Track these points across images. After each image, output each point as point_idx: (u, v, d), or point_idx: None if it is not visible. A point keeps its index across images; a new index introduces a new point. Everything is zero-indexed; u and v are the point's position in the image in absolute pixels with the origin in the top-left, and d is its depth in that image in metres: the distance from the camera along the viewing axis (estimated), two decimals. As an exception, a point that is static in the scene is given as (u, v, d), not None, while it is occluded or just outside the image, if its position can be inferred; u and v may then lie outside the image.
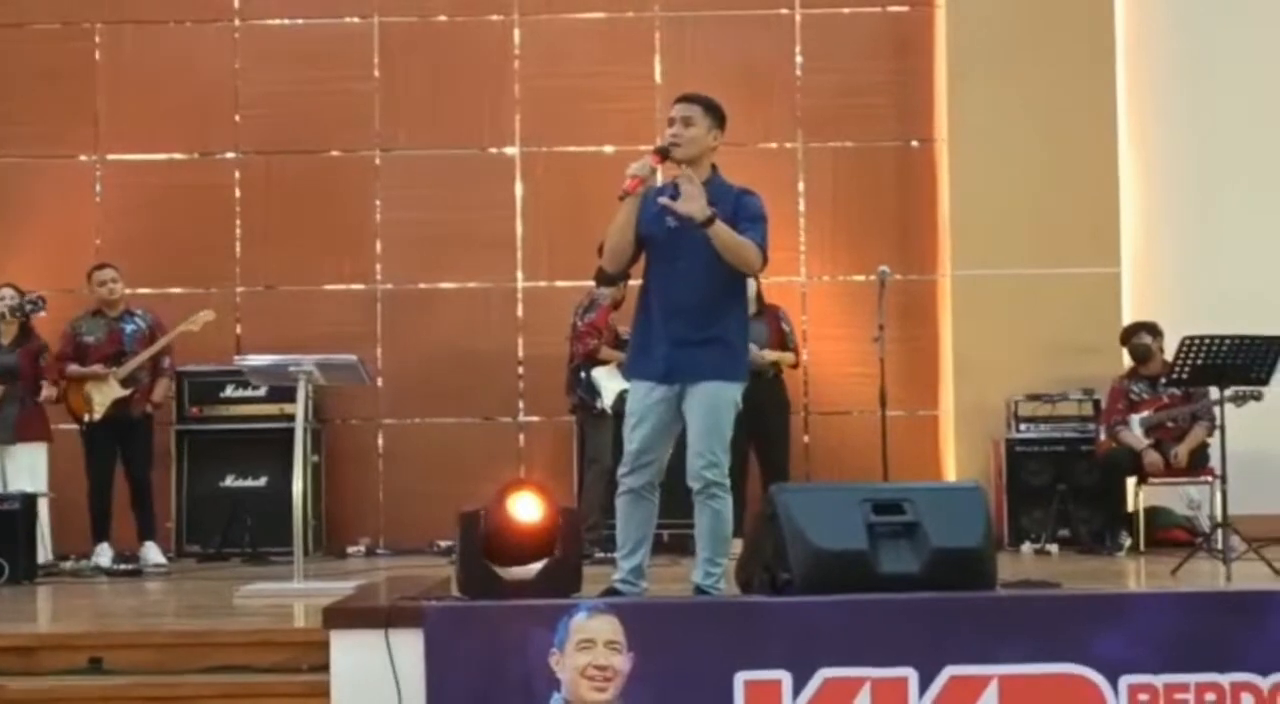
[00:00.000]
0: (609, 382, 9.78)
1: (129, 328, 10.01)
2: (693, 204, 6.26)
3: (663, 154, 6.42)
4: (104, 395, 9.81)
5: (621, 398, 9.64)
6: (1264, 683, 5.65)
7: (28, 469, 9.78)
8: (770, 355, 9.99)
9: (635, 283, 6.87)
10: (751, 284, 10.05)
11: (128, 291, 10.17)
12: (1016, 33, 10.96)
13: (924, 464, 10.88)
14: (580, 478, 10.12)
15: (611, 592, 6.38)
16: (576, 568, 6.13)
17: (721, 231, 6.30)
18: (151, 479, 10.06)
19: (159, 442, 10.34)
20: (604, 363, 9.88)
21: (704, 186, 6.36)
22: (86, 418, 9.84)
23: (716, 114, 6.56)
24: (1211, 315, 9.64)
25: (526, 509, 6.02)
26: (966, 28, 11.04)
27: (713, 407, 6.41)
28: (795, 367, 10.32)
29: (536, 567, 5.91)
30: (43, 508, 9.61)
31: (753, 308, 10.07)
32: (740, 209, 6.47)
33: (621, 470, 6.53)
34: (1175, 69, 11.16)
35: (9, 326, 9.89)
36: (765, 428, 9.95)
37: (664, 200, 6.35)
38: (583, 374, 10.01)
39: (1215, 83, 11.08)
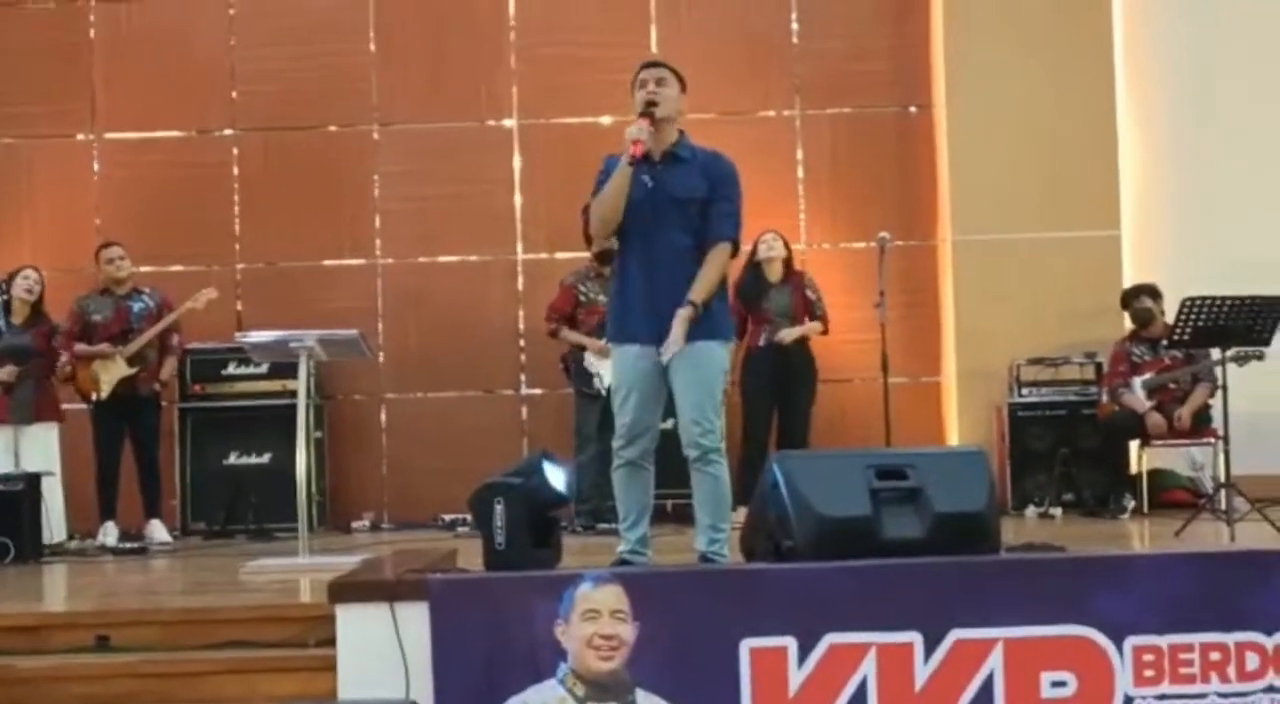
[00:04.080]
0: (602, 364, 9.82)
1: (136, 306, 10.03)
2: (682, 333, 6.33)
3: (649, 116, 6.44)
4: (111, 374, 9.83)
5: None
6: (1269, 642, 5.64)
7: (41, 449, 9.82)
8: (791, 334, 10.02)
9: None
10: (775, 246, 10.13)
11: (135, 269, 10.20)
12: (1013, -4, 10.95)
13: (927, 430, 10.89)
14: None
15: (622, 562, 6.41)
16: (559, 540, 6.20)
17: (703, 296, 6.36)
18: (159, 457, 10.09)
19: (163, 420, 10.35)
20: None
21: (675, 148, 6.50)
22: (94, 396, 9.86)
23: (682, 80, 6.62)
24: (1211, 276, 9.64)
25: (559, 479, 6.04)
26: (963, -8, 11.03)
27: (701, 370, 6.40)
28: (824, 333, 10.28)
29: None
30: (55, 488, 9.65)
31: (778, 274, 10.14)
32: (717, 181, 6.50)
33: (617, 443, 6.53)
34: (1174, 30, 11.13)
35: (21, 307, 9.93)
36: (787, 398, 10.02)
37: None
38: (571, 361, 10.13)
39: (1214, 44, 11.05)
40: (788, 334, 10.05)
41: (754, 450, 9.90)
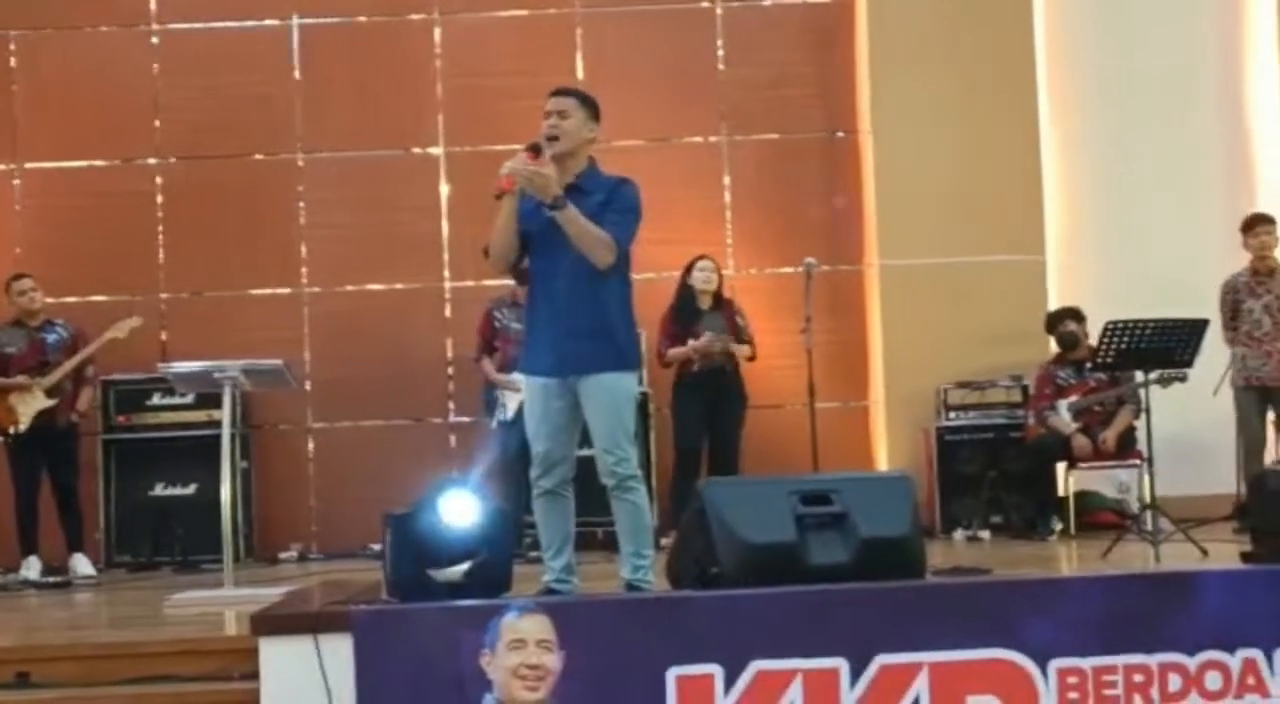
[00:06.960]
0: (508, 397, 9.84)
1: (51, 337, 9.95)
2: (547, 184, 6.23)
3: (535, 150, 6.38)
4: (29, 406, 9.73)
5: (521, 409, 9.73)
6: (1191, 662, 5.70)
7: None
8: (742, 350, 10.08)
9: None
10: (712, 279, 10.15)
11: (50, 300, 10.11)
12: (938, 22, 11.03)
13: (855, 455, 10.91)
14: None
15: (549, 591, 6.39)
16: (507, 567, 6.13)
17: (571, 219, 6.27)
18: (79, 489, 9.99)
19: (86, 451, 10.26)
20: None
21: (579, 180, 6.44)
22: (12, 430, 9.75)
23: (591, 107, 6.58)
24: (1134, 300, 9.73)
25: (458, 510, 6.00)
26: (888, 18, 11.09)
27: (610, 400, 6.39)
28: (752, 360, 10.29)
29: (462, 567, 5.90)
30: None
31: (708, 302, 10.16)
32: (614, 199, 6.44)
33: (534, 473, 6.53)
34: (1095, 57, 11.25)
35: None
36: (718, 424, 10.02)
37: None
38: (485, 390, 10.17)
39: (1135, 70, 11.17)
40: (738, 349, 10.11)
41: (686, 477, 9.90)
